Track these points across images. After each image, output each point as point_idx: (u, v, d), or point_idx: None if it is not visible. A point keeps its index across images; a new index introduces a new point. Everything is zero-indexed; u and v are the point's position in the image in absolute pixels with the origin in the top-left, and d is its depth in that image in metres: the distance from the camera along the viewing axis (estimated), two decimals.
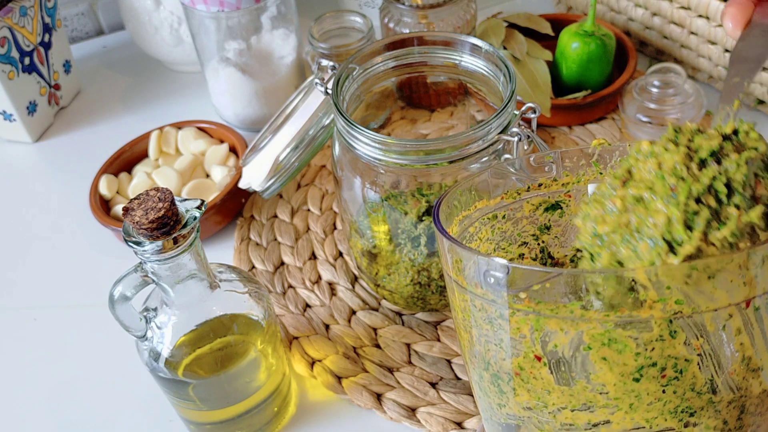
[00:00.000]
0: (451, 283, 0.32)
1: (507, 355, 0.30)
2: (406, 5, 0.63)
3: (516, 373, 0.30)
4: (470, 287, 0.30)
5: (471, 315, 0.31)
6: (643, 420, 0.29)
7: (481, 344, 0.31)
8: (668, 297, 0.26)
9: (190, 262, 0.37)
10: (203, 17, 0.62)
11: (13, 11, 0.66)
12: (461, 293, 0.31)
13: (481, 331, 0.31)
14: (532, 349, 0.29)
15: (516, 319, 0.29)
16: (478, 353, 0.31)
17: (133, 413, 0.48)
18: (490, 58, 0.45)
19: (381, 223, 0.47)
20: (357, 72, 0.46)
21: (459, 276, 0.31)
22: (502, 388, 0.31)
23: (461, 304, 0.31)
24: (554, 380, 0.29)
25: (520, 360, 0.29)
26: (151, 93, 0.78)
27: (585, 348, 0.28)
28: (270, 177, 0.54)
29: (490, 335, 0.30)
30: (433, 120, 0.66)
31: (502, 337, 0.30)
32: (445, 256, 0.32)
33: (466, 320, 0.32)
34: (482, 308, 0.30)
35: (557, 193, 0.38)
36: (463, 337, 0.33)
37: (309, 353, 0.50)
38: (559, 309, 0.27)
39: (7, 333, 0.55)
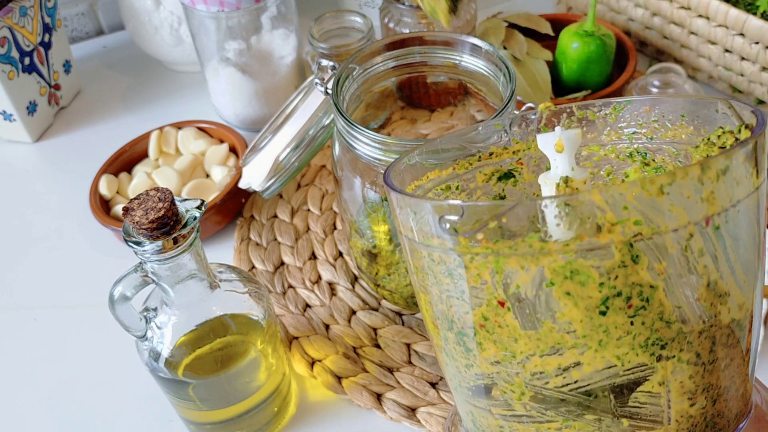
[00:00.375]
0: (405, 242, 0.31)
1: (469, 306, 0.29)
2: (406, 5, 0.63)
3: (480, 325, 0.29)
4: (426, 240, 0.29)
5: (430, 272, 0.30)
6: (613, 357, 0.28)
7: (443, 302, 0.30)
8: (626, 218, 0.26)
9: (190, 262, 0.37)
10: (203, 17, 0.62)
11: (13, 11, 0.66)
12: (417, 250, 0.30)
13: (441, 287, 0.30)
14: (495, 295, 0.28)
15: (475, 264, 0.28)
16: (441, 313, 0.31)
17: (133, 413, 0.48)
18: (490, 58, 0.45)
19: (381, 223, 0.47)
20: (357, 72, 0.46)
21: (413, 232, 0.30)
22: (467, 345, 0.30)
23: (418, 264, 0.31)
24: (519, 325, 0.28)
25: (483, 310, 0.29)
26: (151, 93, 0.78)
27: (547, 284, 0.27)
28: (270, 177, 0.54)
29: (452, 289, 0.29)
30: (433, 120, 0.66)
31: (463, 288, 0.29)
32: (398, 214, 0.31)
33: (425, 280, 0.31)
34: (440, 261, 0.29)
35: (509, 162, 0.38)
36: (423, 300, 0.32)
37: (309, 353, 0.50)
38: (517, 245, 0.27)
39: (7, 333, 0.55)
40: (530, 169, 0.38)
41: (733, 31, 0.61)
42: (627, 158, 0.37)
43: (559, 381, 0.29)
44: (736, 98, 0.41)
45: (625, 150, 0.37)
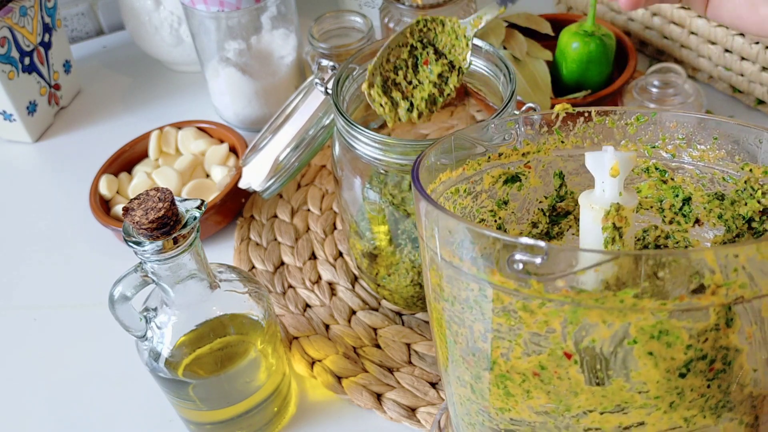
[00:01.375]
0: (443, 269, 0.28)
1: (524, 352, 0.27)
2: (406, 5, 0.63)
3: (535, 374, 0.27)
4: (481, 274, 0.26)
5: (474, 307, 0.27)
6: (681, 419, 0.27)
7: (487, 341, 0.28)
8: (733, 281, 0.24)
9: (190, 262, 0.37)
10: (203, 17, 0.62)
11: (13, 11, 0.66)
12: (462, 281, 0.27)
13: (488, 325, 0.27)
14: (562, 346, 0.26)
15: (546, 311, 0.25)
16: (480, 351, 0.29)
17: (133, 413, 0.48)
18: (490, 58, 0.45)
19: (381, 223, 0.47)
20: (357, 72, 0.46)
21: (459, 260, 0.27)
22: (510, 390, 0.28)
23: (458, 294, 0.28)
24: (585, 380, 0.26)
25: (542, 358, 0.26)
26: (151, 93, 0.78)
27: (630, 342, 0.25)
28: (270, 177, 0.54)
29: (504, 331, 0.27)
30: (433, 120, 0.66)
31: (520, 332, 0.26)
32: (439, 237, 0.28)
33: (463, 312, 0.28)
34: (497, 299, 0.26)
35: (517, 164, 0.36)
36: (452, 332, 0.30)
37: (309, 353, 0.50)
38: (606, 299, 0.24)
39: (7, 333, 0.55)
40: (537, 174, 0.37)
41: (733, 31, 0.61)
42: (642, 172, 0.36)
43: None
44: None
45: (642, 164, 0.35)
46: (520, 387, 0.28)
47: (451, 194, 0.35)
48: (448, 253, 0.28)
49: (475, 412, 0.31)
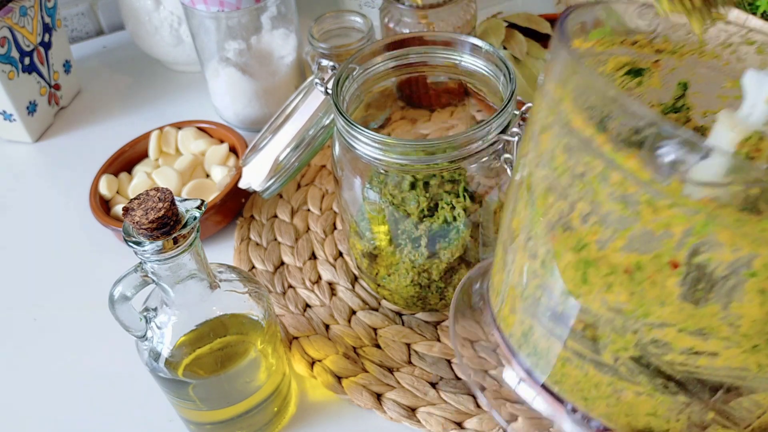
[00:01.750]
0: (565, 136, 0.26)
1: (628, 248, 0.24)
2: (406, 5, 0.63)
3: (627, 271, 0.25)
4: (614, 155, 0.23)
5: (587, 186, 0.25)
6: (754, 363, 0.25)
7: (587, 223, 0.25)
8: None
9: (190, 262, 0.37)
10: (203, 17, 0.62)
11: (13, 11, 0.66)
12: (584, 155, 0.25)
13: (599, 208, 0.25)
14: (672, 253, 0.24)
15: (672, 213, 0.23)
16: (573, 231, 0.26)
17: (133, 413, 0.48)
18: (490, 58, 0.45)
19: (381, 223, 0.47)
20: (357, 72, 0.46)
21: (592, 132, 0.24)
22: (589, 278, 0.26)
23: (573, 167, 0.25)
24: (679, 294, 0.24)
25: (643, 258, 0.24)
26: (151, 93, 0.78)
27: (747, 273, 0.23)
28: (270, 177, 0.54)
29: (612, 219, 0.24)
30: (433, 120, 0.66)
31: (632, 227, 0.24)
32: (575, 101, 0.25)
33: (570, 187, 0.25)
34: (621, 185, 0.24)
35: (647, 58, 0.32)
36: (545, 202, 0.27)
37: (309, 353, 0.50)
38: (747, 222, 0.22)
39: (7, 333, 0.55)
40: (661, 77, 0.33)
41: None
42: None
43: (680, 359, 0.26)
44: None
45: None
46: (603, 279, 0.26)
47: None
48: (581, 120, 0.25)
49: (534, 287, 0.29)
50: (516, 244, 0.30)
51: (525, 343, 0.30)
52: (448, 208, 0.45)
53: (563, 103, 0.26)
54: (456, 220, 0.45)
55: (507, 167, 0.41)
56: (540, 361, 0.30)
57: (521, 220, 0.29)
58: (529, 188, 0.29)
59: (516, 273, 0.30)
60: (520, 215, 0.29)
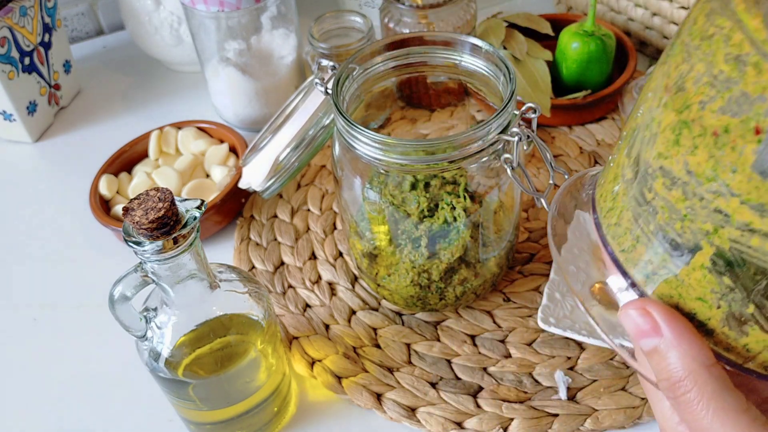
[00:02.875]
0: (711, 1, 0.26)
1: (723, 109, 0.25)
2: (406, 5, 0.63)
3: (715, 133, 0.25)
4: (742, 13, 0.24)
5: (711, 46, 0.26)
6: None
7: (697, 82, 0.26)
8: None
9: (190, 262, 0.37)
10: (203, 17, 0.62)
11: (13, 11, 0.66)
12: (719, 16, 0.26)
13: (710, 68, 0.25)
14: (760, 118, 0.24)
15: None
16: (685, 89, 0.27)
17: (133, 413, 0.48)
18: (490, 58, 0.45)
19: (381, 223, 0.47)
20: (357, 72, 0.46)
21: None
22: (681, 139, 0.27)
23: (706, 30, 0.26)
24: (754, 162, 0.25)
25: (733, 122, 0.25)
26: (151, 93, 0.78)
27: None
28: (270, 177, 0.54)
29: (720, 79, 0.25)
30: (433, 120, 0.66)
31: (733, 89, 0.24)
32: None
33: (697, 49, 0.26)
34: (738, 45, 0.24)
35: None
36: (672, 64, 0.28)
37: (309, 353, 0.50)
38: None
39: (7, 333, 0.55)
40: None
41: None
42: None
43: (735, 234, 0.26)
44: None
45: None
46: (693, 140, 0.27)
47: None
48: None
49: (629, 147, 0.30)
50: (635, 114, 0.31)
51: (611, 215, 0.31)
52: (448, 208, 0.45)
53: None
54: (456, 221, 0.45)
55: (507, 167, 0.41)
56: (618, 232, 0.31)
57: (646, 91, 0.30)
58: (665, 58, 0.29)
59: (625, 144, 0.31)
60: (648, 86, 0.30)
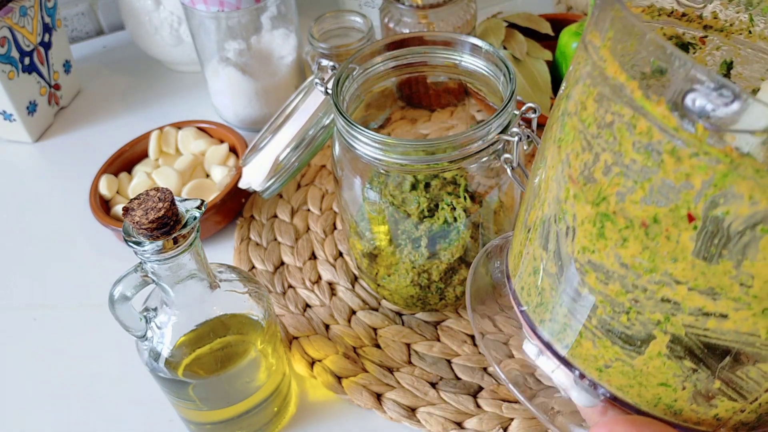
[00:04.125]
0: (598, 85, 0.25)
1: (645, 198, 0.24)
2: (406, 5, 0.63)
3: (644, 224, 0.24)
4: (643, 101, 0.23)
5: (614, 135, 0.24)
6: (764, 329, 0.24)
7: (608, 173, 0.25)
8: None
9: (190, 262, 0.37)
10: (203, 17, 0.62)
11: (13, 11, 0.66)
12: (614, 103, 0.25)
13: (619, 158, 0.24)
14: (690, 206, 0.23)
15: (694, 163, 0.22)
16: (594, 183, 0.25)
17: (133, 413, 0.48)
18: (490, 58, 0.45)
19: (381, 223, 0.47)
20: (357, 72, 0.46)
21: (624, 79, 0.24)
22: (606, 232, 0.26)
23: (602, 117, 0.25)
24: (693, 249, 0.24)
25: (660, 211, 0.24)
26: (151, 93, 0.78)
27: (763, 229, 0.22)
28: (270, 177, 0.54)
29: (634, 169, 0.24)
30: (433, 120, 0.66)
31: (653, 178, 0.23)
32: (612, 48, 0.25)
33: (597, 138, 0.25)
34: (646, 133, 0.23)
35: (692, 34, 0.32)
36: (571, 151, 0.27)
37: (309, 353, 0.50)
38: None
39: (7, 333, 0.55)
40: (706, 54, 0.32)
41: None
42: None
43: (688, 320, 0.25)
44: None
45: None
46: (619, 233, 0.25)
47: None
48: (615, 68, 0.24)
49: (541, 237, 0.29)
50: (537, 191, 0.30)
51: (542, 310, 0.30)
52: (448, 208, 0.45)
53: (600, 51, 0.25)
54: (456, 221, 0.45)
55: (507, 167, 0.41)
56: (555, 328, 0.30)
57: (544, 169, 0.29)
58: (554, 140, 0.28)
59: (535, 235, 0.30)
60: (543, 165, 0.29)
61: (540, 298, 0.30)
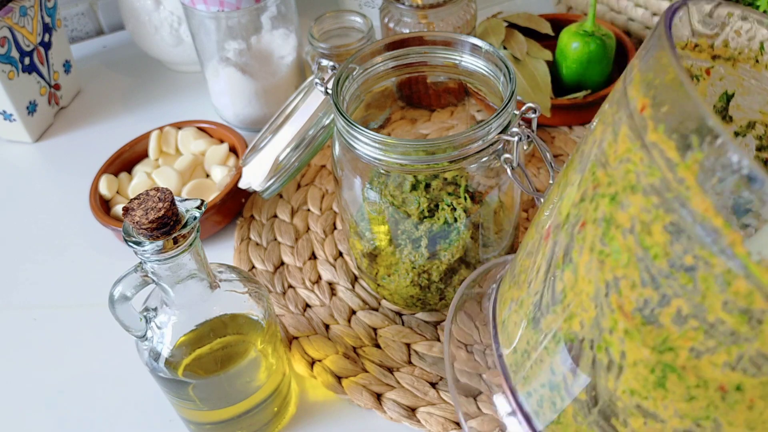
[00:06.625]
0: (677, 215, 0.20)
1: (732, 365, 0.20)
2: (406, 5, 0.63)
3: (722, 389, 0.21)
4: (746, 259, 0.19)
5: (691, 279, 0.20)
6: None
7: (681, 323, 0.21)
8: None
9: (190, 262, 0.37)
10: (203, 17, 0.62)
11: (13, 11, 0.66)
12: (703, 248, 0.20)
13: (700, 312, 0.20)
14: None
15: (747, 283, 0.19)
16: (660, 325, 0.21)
17: (133, 413, 0.48)
18: (490, 58, 0.45)
19: (381, 223, 0.47)
20: (357, 72, 0.46)
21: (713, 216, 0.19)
22: (668, 384, 0.22)
23: (680, 257, 0.20)
24: None
25: (749, 381, 0.20)
26: (151, 93, 0.78)
27: None
28: (270, 177, 0.54)
29: (721, 330, 0.20)
30: (433, 120, 0.66)
31: (745, 346, 0.20)
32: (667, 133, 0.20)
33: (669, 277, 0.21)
34: (745, 296, 0.19)
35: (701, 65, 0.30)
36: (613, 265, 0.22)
37: (309, 353, 0.50)
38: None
39: (7, 333, 0.55)
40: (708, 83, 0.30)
41: None
42: None
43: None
44: None
45: None
46: (687, 390, 0.22)
47: None
48: (706, 205, 0.19)
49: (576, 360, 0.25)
50: (560, 310, 0.25)
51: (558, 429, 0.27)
52: (448, 209, 0.45)
53: (680, 171, 0.20)
54: (456, 221, 0.45)
55: (507, 167, 0.41)
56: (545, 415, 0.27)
57: (570, 286, 0.24)
58: (594, 252, 0.23)
59: (555, 348, 0.26)
60: (574, 277, 0.24)
61: (558, 417, 0.27)
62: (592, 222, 0.23)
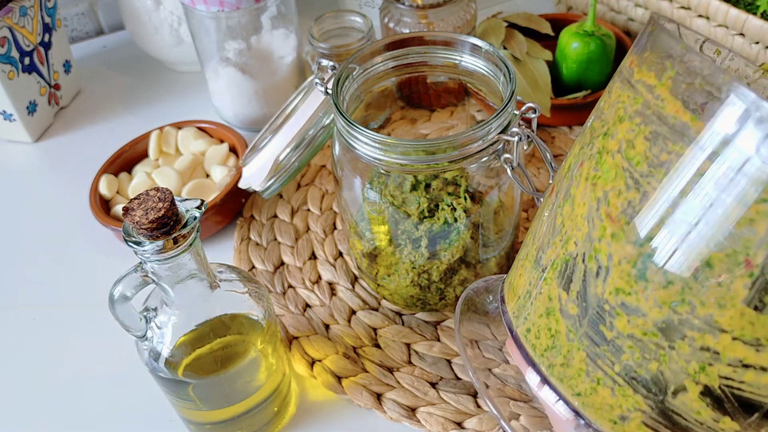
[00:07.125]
0: (638, 116, 0.25)
1: (706, 241, 0.23)
2: (406, 5, 0.63)
3: (696, 269, 0.23)
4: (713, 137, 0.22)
5: (665, 171, 0.24)
6: None
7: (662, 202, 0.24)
8: None
9: (190, 262, 0.37)
10: (203, 17, 0.62)
11: (13, 11, 0.66)
12: (665, 139, 0.24)
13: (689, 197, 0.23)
14: (749, 252, 0.22)
15: (761, 209, 0.22)
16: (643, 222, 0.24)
17: (133, 413, 0.48)
18: (490, 58, 0.45)
19: (381, 223, 0.47)
20: (357, 72, 0.46)
21: (682, 114, 0.23)
22: (648, 273, 0.24)
23: (646, 151, 0.25)
24: (744, 297, 0.23)
25: (716, 255, 0.23)
26: (151, 93, 0.78)
27: None
28: (270, 177, 0.54)
29: (698, 207, 0.23)
30: (433, 120, 0.66)
31: (722, 220, 0.22)
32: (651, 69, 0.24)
33: (648, 175, 0.24)
34: (724, 175, 0.22)
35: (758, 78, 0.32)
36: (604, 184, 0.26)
37: (309, 353, 0.50)
38: None
39: (7, 333, 0.55)
40: None
41: (733, 31, 0.61)
42: None
43: (726, 371, 0.24)
44: None
45: None
46: (664, 275, 0.24)
47: None
48: (676, 107, 0.24)
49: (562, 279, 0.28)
50: (559, 240, 0.28)
51: (553, 354, 0.29)
52: (448, 209, 0.45)
53: (657, 90, 0.25)
54: (456, 221, 0.45)
55: (507, 167, 0.41)
56: (568, 374, 0.29)
57: (570, 216, 0.28)
58: (590, 180, 0.27)
59: (553, 274, 0.29)
60: (572, 210, 0.28)
61: (552, 341, 0.29)
62: (588, 159, 0.28)
